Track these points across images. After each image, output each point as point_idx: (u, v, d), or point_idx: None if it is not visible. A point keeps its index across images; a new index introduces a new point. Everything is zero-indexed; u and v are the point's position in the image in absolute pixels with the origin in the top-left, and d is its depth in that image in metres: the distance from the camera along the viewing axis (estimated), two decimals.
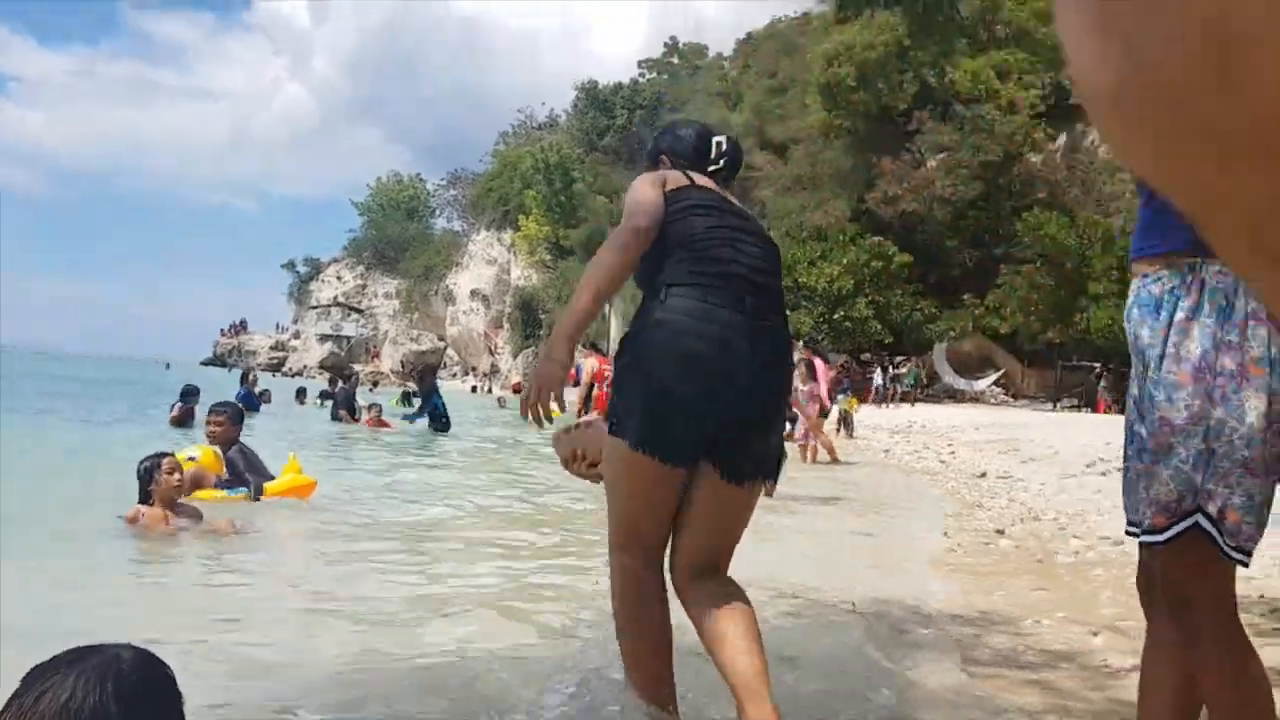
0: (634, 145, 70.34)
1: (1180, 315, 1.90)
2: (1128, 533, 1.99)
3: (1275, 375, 1.84)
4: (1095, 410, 28.74)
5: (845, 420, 18.07)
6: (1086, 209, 34.34)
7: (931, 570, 5.39)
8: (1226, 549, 1.83)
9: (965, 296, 35.42)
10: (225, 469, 6.79)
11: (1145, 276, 1.99)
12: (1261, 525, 1.86)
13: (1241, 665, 1.88)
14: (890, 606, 4.24)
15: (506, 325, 73.77)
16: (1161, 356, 1.91)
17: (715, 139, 3.11)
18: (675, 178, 2.80)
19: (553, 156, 67.23)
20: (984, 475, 10.45)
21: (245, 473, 6.74)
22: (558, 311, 65.05)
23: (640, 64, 73.73)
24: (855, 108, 39.42)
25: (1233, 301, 1.86)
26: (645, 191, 2.68)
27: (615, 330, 55.88)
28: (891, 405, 30.37)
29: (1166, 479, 1.86)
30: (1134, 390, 1.98)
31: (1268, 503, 1.86)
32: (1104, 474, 10.19)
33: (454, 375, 71.81)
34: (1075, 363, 32.96)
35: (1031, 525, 7.04)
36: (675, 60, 73.25)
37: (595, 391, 13.30)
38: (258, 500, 6.58)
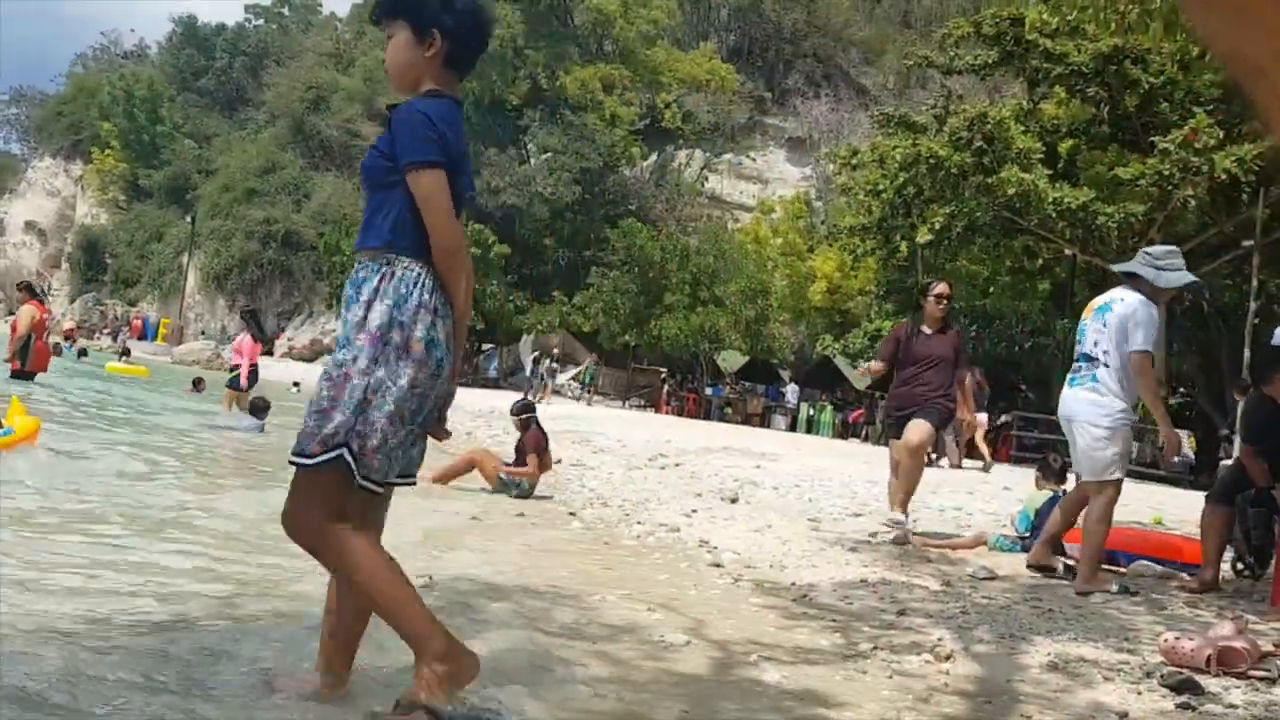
0: (233, 91, 65.34)
1: (371, 295, 2.42)
2: (291, 461, 2.40)
3: (429, 352, 2.40)
4: (658, 411, 31.11)
5: None
6: (668, 225, 37.15)
7: (508, 547, 5.53)
8: (359, 478, 2.36)
9: (555, 293, 36.79)
10: None
11: (357, 264, 2.53)
12: (389, 466, 2.41)
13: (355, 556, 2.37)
14: (465, 581, 4.29)
15: (65, 266, 65.27)
16: (350, 324, 2.43)
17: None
18: None
19: (139, 89, 60.55)
20: (559, 462, 10.89)
21: None
22: (127, 256, 58.68)
23: (248, 8, 68.59)
24: (469, 94, 39.51)
25: (411, 292, 2.41)
26: None
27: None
28: (540, 399, 28.73)
29: (335, 419, 2.35)
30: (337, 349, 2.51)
31: (401, 446, 2.43)
32: (663, 468, 11.06)
33: None
34: (645, 365, 35.47)
35: (600, 510, 7.45)
36: (286, 11, 69.07)
37: (34, 343, 11.44)
38: None
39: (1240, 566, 5.62)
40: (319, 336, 45.92)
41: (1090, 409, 5.11)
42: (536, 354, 31.87)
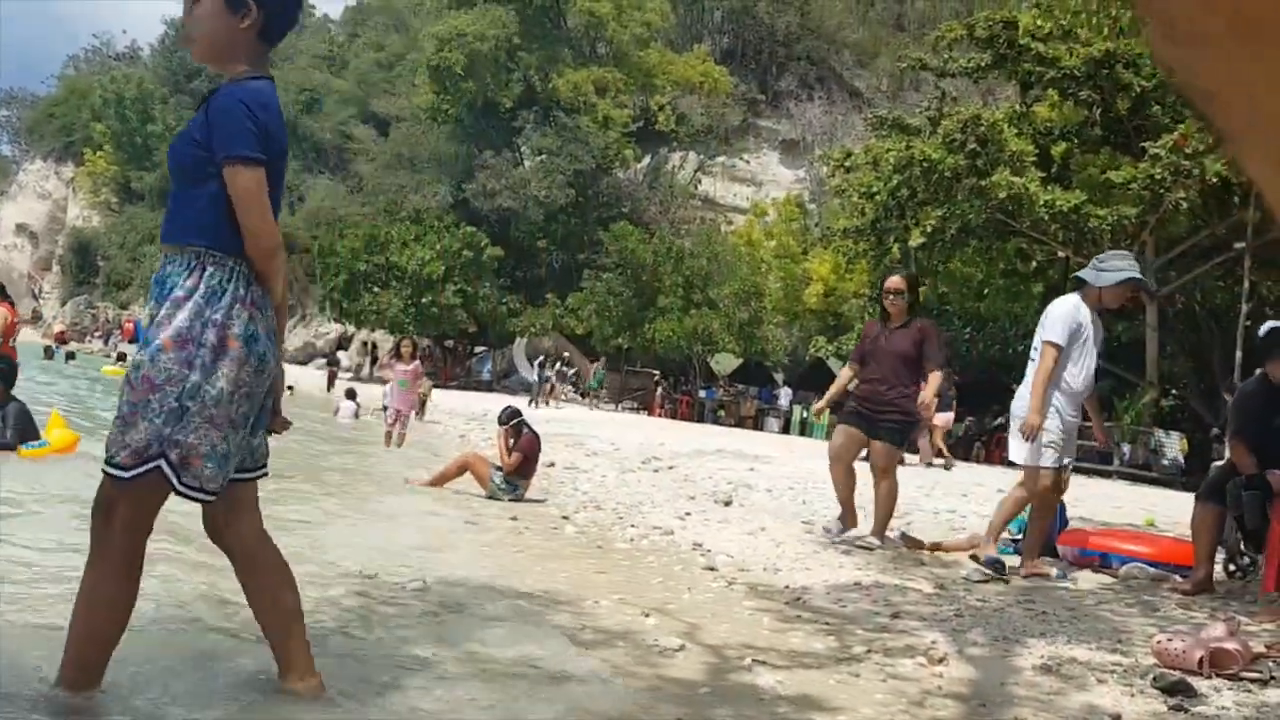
0: None
1: (179, 293, 2.30)
2: (104, 470, 2.29)
3: (249, 349, 2.30)
4: (651, 413, 31.10)
5: (420, 403, 18.03)
6: (662, 228, 37.16)
7: (502, 551, 5.52)
8: (181, 486, 2.26)
9: (549, 295, 36.79)
10: None
11: (164, 260, 2.40)
12: (224, 471, 2.31)
13: (127, 575, 2.30)
14: (458, 585, 4.28)
15: (57, 268, 65.14)
16: (156, 324, 2.30)
17: None
18: None
19: (130, 90, 60.43)
20: (552, 465, 10.89)
21: None
22: (119, 259, 58.62)
23: None
24: (463, 96, 39.52)
25: (225, 288, 2.30)
26: None
27: None
28: (546, 403, 28.20)
29: (143, 429, 2.22)
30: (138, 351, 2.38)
31: (231, 452, 2.32)
32: (656, 470, 11.06)
33: None
34: (638, 368, 35.45)
35: (594, 514, 7.45)
36: None
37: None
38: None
39: (1232, 568, 5.64)
40: (312, 339, 45.85)
41: (1017, 402, 5.55)
42: (542, 358, 31.71)
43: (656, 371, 34.43)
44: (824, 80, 43.20)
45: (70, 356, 30.52)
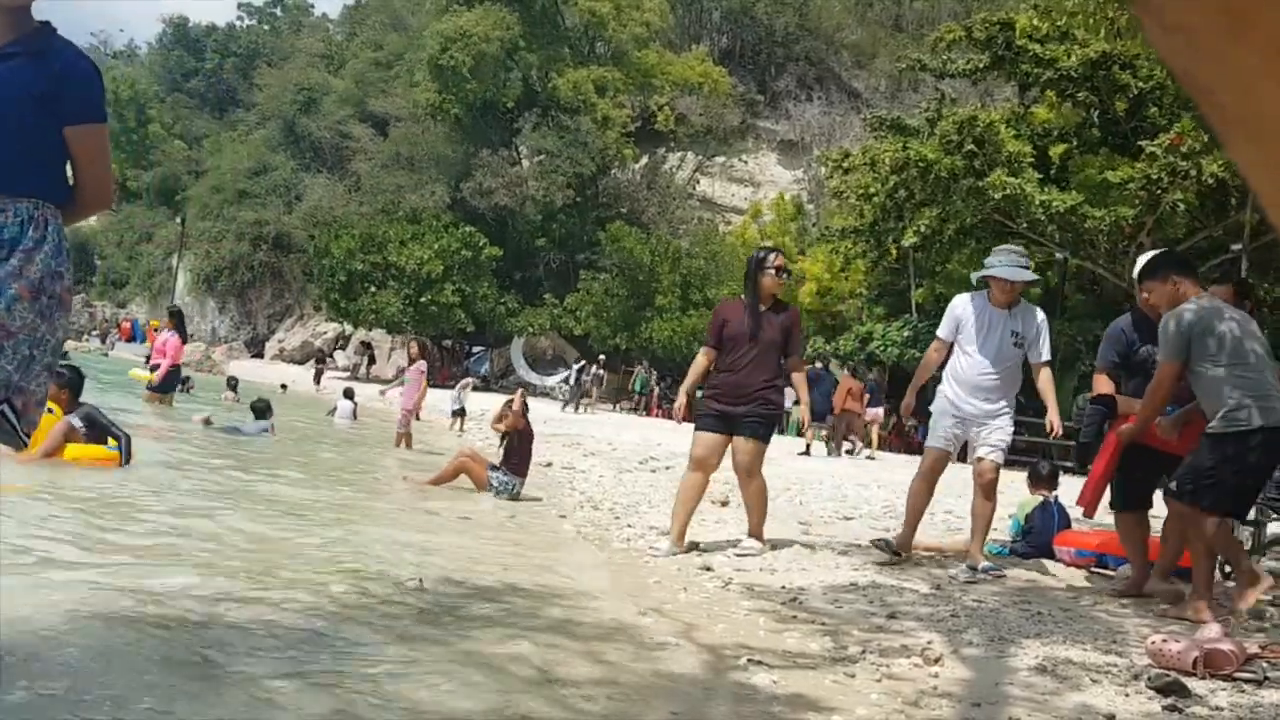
0: (223, 92, 65.18)
1: (29, 244, 2.29)
2: None
3: (71, 299, 2.36)
4: (650, 414, 31.05)
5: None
6: (660, 228, 37.14)
7: (499, 550, 5.52)
8: (20, 433, 2.27)
9: (546, 296, 36.77)
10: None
11: None
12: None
13: None
14: (454, 583, 4.29)
15: None
16: (6, 271, 2.24)
17: None
18: None
19: (125, 90, 60.41)
20: (550, 465, 10.90)
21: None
22: (116, 257, 58.61)
23: (240, 7, 68.46)
24: (465, 95, 39.45)
25: (62, 242, 2.34)
26: None
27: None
28: (582, 409, 27.47)
29: None
30: None
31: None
32: (654, 470, 11.06)
33: None
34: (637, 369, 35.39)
35: (591, 513, 7.46)
36: (279, 12, 68.92)
37: None
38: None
39: (1229, 569, 5.65)
40: (310, 339, 45.80)
41: None
42: (582, 363, 31.39)
43: (655, 372, 34.40)
44: (823, 81, 43.20)
45: (63, 356, 30.45)
